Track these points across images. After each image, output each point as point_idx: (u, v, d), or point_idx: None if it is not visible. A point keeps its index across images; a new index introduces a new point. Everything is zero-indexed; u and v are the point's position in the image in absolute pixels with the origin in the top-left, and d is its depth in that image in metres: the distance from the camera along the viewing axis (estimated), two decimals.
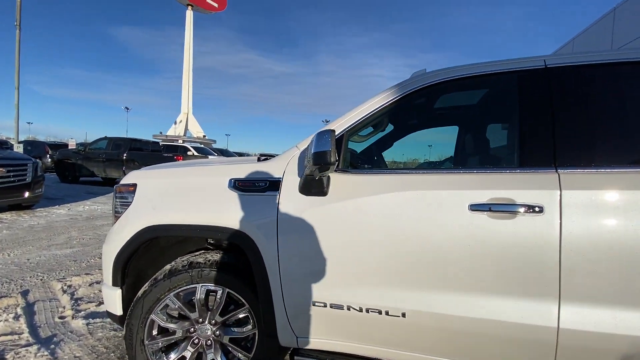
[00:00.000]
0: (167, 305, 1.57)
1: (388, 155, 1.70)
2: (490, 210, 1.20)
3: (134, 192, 1.72)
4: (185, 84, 40.73)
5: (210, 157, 12.71)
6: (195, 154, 13.13)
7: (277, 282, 1.43)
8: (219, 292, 1.57)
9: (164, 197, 1.64)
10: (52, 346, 2.06)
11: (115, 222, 1.77)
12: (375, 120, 1.55)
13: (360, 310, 1.34)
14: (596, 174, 1.17)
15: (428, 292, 1.27)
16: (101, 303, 2.69)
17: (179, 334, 1.60)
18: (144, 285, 1.60)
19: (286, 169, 1.51)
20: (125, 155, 10.51)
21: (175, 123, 39.01)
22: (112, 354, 2.02)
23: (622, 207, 1.10)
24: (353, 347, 1.42)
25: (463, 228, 1.22)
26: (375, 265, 1.32)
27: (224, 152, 17.24)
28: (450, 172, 1.32)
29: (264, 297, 1.45)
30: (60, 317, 2.45)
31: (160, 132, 36.93)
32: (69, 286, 2.98)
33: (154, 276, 1.59)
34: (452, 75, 1.44)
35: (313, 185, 1.39)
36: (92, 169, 10.92)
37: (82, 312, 2.53)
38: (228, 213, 1.50)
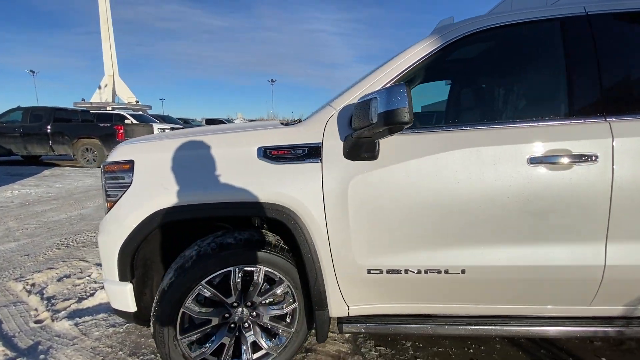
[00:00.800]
0: (199, 294, 1.40)
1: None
2: (549, 162, 1.21)
3: (131, 170, 1.43)
4: (105, 41, 34.83)
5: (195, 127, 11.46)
6: (135, 122, 11.67)
7: (327, 254, 1.34)
8: (257, 272, 1.43)
9: (177, 174, 1.39)
10: (42, 356, 1.77)
11: (110, 208, 1.48)
12: (413, 75, 1.42)
13: (419, 272, 1.32)
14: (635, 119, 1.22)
15: (487, 247, 1.28)
16: (82, 299, 2.37)
17: (214, 322, 1.45)
18: (167, 276, 1.39)
19: (325, 132, 1.35)
20: (49, 127, 8.95)
21: (100, 88, 33.83)
22: (121, 352, 1.81)
23: None
24: (407, 307, 1.42)
25: (523, 182, 1.22)
26: (434, 227, 1.29)
27: (165, 119, 15.60)
28: (504, 126, 1.29)
29: (313, 272, 1.35)
30: (37, 322, 2.11)
31: (83, 99, 31.85)
32: (33, 285, 2.55)
33: (179, 264, 1.38)
34: (494, 23, 1.35)
35: (363, 149, 1.26)
36: (8, 147, 9.19)
37: (63, 312, 2.20)
38: (262, 187, 1.33)
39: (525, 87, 1.44)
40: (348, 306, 1.43)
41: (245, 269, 1.42)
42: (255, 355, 1.52)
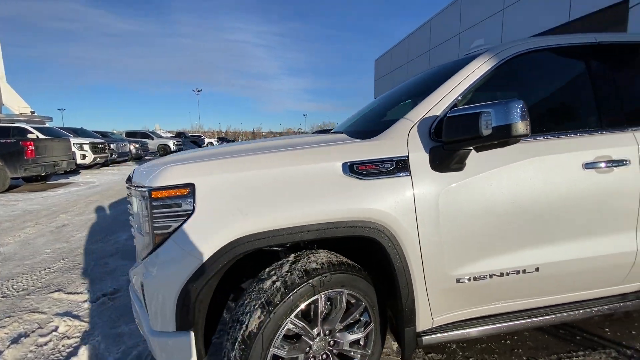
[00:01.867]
0: (287, 330, 1.23)
1: None
2: (597, 167, 1.42)
3: (191, 195, 1.21)
4: None
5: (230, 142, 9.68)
6: (41, 136, 9.71)
7: (419, 268, 1.32)
8: (340, 296, 1.33)
9: (254, 196, 1.22)
10: None
11: (160, 243, 1.22)
12: (476, 89, 1.51)
13: (502, 275, 1.40)
14: None
15: (554, 245, 1.43)
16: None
17: (299, 359, 1.30)
18: (249, 316, 1.19)
19: (408, 145, 1.35)
20: None
21: None
22: None
23: None
24: (485, 309, 1.48)
25: (580, 184, 1.40)
26: (514, 231, 1.38)
27: (79, 132, 13.38)
28: (562, 136, 1.46)
29: (405, 288, 1.32)
30: None
31: None
32: None
33: (264, 300, 1.20)
34: (538, 45, 1.54)
35: (454, 161, 1.29)
36: None
37: None
38: (353, 204, 1.25)
39: (571, 102, 1.66)
40: (433, 318, 1.42)
41: (330, 294, 1.31)
42: None
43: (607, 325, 2.04)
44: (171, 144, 19.91)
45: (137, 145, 15.26)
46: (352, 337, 1.42)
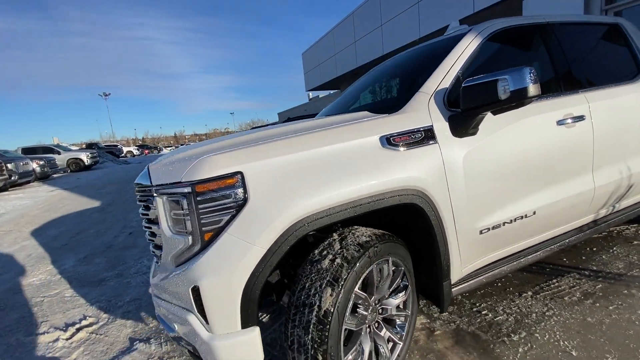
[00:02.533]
0: (353, 304, 1.26)
1: None
2: (566, 123, 1.73)
3: (240, 184, 1.14)
4: None
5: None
6: None
7: (452, 226, 1.46)
8: (387, 264, 1.40)
9: (304, 177, 1.20)
10: None
11: (211, 239, 1.13)
12: (472, 60, 1.69)
13: (511, 222, 1.62)
14: (598, 91, 1.89)
15: (545, 190, 1.71)
16: None
17: (364, 330, 1.33)
18: (327, 295, 1.17)
19: (431, 115, 1.46)
20: None
21: None
22: None
23: (627, 104, 1.87)
24: (499, 254, 1.70)
25: (556, 138, 1.70)
26: (516, 183, 1.61)
27: None
28: (536, 100, 1.72)
29: (443, 246, 1.44)
30: None
31: None
32: None
33: (330, 278, 1.19)
34: (510, 24, 1.80)
35: (471, 126, 1.45)
36: None
37: None
38: (395, 174, 1.32)
39: (539, 69, 1.94)
40: (462, 270, 1.59)
41: (380, 263, 1.37)
42: (394, 353, 1.48)
43: (563, 257, 2.50)
44: (84, 157, 17.31)
45: (42, 162, 12.94)
46: (397, 301, 1.50)
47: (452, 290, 1.58)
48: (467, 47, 1.64)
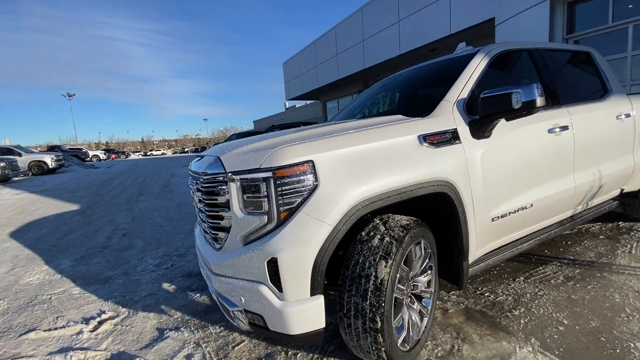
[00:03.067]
0: (398, 276, 1.47)
1: None
2: (555, 131, 2.08)
3: (311, 171, 1.34)
4: None
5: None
6: None
7: (472, 213, 1.73)
8: (419, 246, 1.63)
9: (362, 166, 1.41)
10: None
11: (286, 218, 1.31)
12: (483, 76, 2.00)
13: (514, 212, 1.92)
14: (577, 106, 2.28)
15: (539, 185, 2.03)
16: None
17: (405, 301, 1.54)
18: (382, 266, 1.37)
19: (455, 120, 1.73)
20: None
21: None
22: None
23: (598, 118, 2.27)
24: (499, 242, 1.99)
25: (547, 143, 2.05)
26: (519, 180, 1.92)
27: None
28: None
29: (465, 230, 1.70)
30: None
31: None
32: None
33: (382, 252, 1.40)
34: (510, 48, 2.15)
35: (487, 130, 1.74)
36: None
37: None
38: (430, 167, 1.57)
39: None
40: (476, 252, 1.85)
41: (416, 244, 1.60)
42: (422, 324, 1.69)
43: (544, 249, 2.87)
44: (48, 159, 16.25)
45: (3, 164, 12.05)
46: (425, 279, 1.73)
47: (469, 270, 1.84)
48: (478, 65, 1.96)
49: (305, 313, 1.32)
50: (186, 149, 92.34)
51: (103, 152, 35.09)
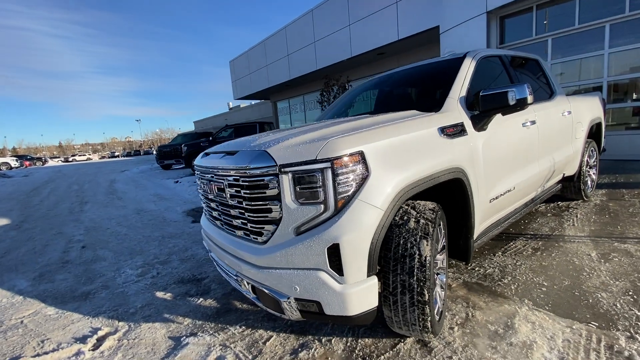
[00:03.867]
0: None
1: None
2: (526, 125, 2.46)
3: (362, 160, 1.44)
4: None
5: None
6: None
7: (477, 195, 1.98)
8: (440, 226, 1.83)
9: (401, 156, 1.55)
10: None
11: (343, 205, 1.40)
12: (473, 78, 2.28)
13: (503, 194, 2.23)
14: (538, 104, 2.72)
15: (519, 171, 2.39)
16: None
17: (435, 275, 1.72)
18: (424, 245, 1.51)
19: (460, 114, 1.97)
20: None
21: None
22: None
23: (551, 114, 2.73)
24: (490, 220, 2.30)
25: (521, 135, 2.41)
26: (507, 165, 2.24)
27: None
28: None
29: (472, 210, 1.94)
30: None
31: None
32: None
33: (422, 234, 1.54)
34: (490, 53, 2.48)
35: (486, 123, 2.01)
36: None
37: None
38: (447, 155, 1.78)
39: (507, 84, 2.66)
40: (478, 230, 2.12)
41: (438, 225, 1.79)
42: (442, 296, 1.89)
43: (510, 229, 3.34)
44: None
45: None
46: (441, 257, 1.94)
47: (474, 245, 2.10)
48: (469, 66, 2.24)
49: (363, 293, 1.42)
50: (116, 153, 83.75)
51: (15, 158, 30.08)
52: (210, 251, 2.21)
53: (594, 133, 3.91)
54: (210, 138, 11.54)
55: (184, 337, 2.02)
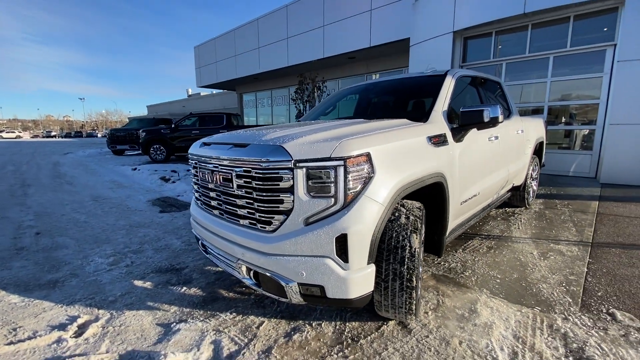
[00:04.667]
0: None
1: None
2: (491, 140, 2.84)
3: (369, 161, 1.62)
4: None
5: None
6: None
7: (452, 198, 2.26)
8: (422, 222, 2.08)
9: (399, 159, 1.76)
10: None
11: (351, 200, 1.57)
12: (453, 94, 2.57)
13: (470, 198, 2.56)
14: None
15: (483, 179, 2.74)
16: None
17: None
18: (414, 238, 1.72)
19: (443, 126, 2.24)
20: None
21: None
22: None
23: (510, 132, 3.15)
24: (458, 220, 2.62)
25: (488, 148, 2.78)
26: (475, 173, 2.57)
27: None
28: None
29: (448, 210, 2.22)
30: None
31: None
32: None
33: (411, 228, 1.76)
34: (465, 74, 2.81)
35: (463, 135, 2.31)
36: None
37: None
38: (433, 161, 2.03)
39: (479, 101, 3.00)
40: (450, 228, 2.42)
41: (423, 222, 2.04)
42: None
43: (468, 230, 3.76)
44: None
45: None
46: (420, 250, 2.20)
47: (446, 241, 2.39)
48: (450, 83, 2.53)
49: (363, 279, 1.60)
50: (53, 133, 75.26)
51: None
52: (200, 239, 2.24)
53: (538, 150, 4.53)
54: (173, 125, 10.98)
55: (174, 324, 2.04)
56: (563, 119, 7.01)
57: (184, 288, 2.50)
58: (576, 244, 3.23)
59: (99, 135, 62.81)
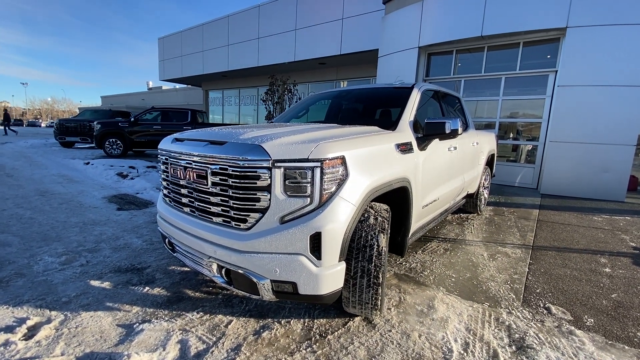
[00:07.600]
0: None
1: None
2: (451, 150, 3.08)
3: (343, 164, 1.72)
4: None
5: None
6: None
7: (415, 202, 2.43)
8: (388, 223, 2.22)
9: (369, 164, 1.88)
10: None
11: (326, 200, 1.65)
12: (419, 106, 2.77)
13: (431, 203, 2.76)
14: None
15: (442, 185, 2.97)
16: None
17: None
18: (382, 238, 1.83)
19: (410, 134, 2.41)
20: None
21: None
22: None
23: (466, 143, 3.43)
24: (419, 223, 2.81)
25: (448, 157, 3.02)
26: (435, 179, 2.78)
27: None
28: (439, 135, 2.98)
29: (411, 213, 2.39)
30: None
31: None
32: None
33: (378, 229, 1.88)
34: (430, 88, 3.03)
35: (427, 145, 2.50)
36: None
37: None
38: (400, 167, 2.18)
39: (441, 114, 3.23)
40: (412, 230, 2.59)
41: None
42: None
43: (427, 234, 4.02)
44: None
45: None
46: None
47: (408, 242, 2.56)
48: (416, 96, 2.73)
49: (334, 276, 1.68)
50: None
51: None
52: (167, 237, 2.19)
53: (489, 161, 4.96)
54: (132, 119, 10.36)
55: (137, 324, 1.97)
56: (511, 135, 7.72)
57: (147, 288, 2.41)
58: (520, 247, 3.59)
59: (43, 125, 57.09)
